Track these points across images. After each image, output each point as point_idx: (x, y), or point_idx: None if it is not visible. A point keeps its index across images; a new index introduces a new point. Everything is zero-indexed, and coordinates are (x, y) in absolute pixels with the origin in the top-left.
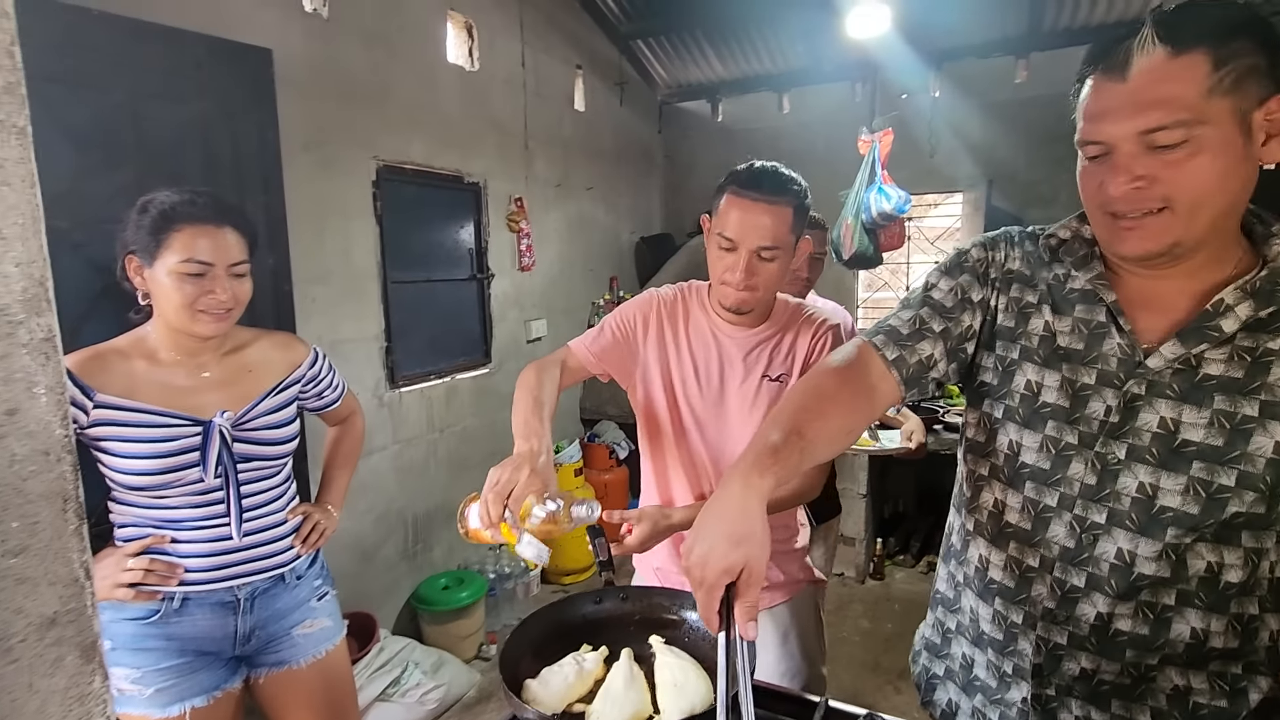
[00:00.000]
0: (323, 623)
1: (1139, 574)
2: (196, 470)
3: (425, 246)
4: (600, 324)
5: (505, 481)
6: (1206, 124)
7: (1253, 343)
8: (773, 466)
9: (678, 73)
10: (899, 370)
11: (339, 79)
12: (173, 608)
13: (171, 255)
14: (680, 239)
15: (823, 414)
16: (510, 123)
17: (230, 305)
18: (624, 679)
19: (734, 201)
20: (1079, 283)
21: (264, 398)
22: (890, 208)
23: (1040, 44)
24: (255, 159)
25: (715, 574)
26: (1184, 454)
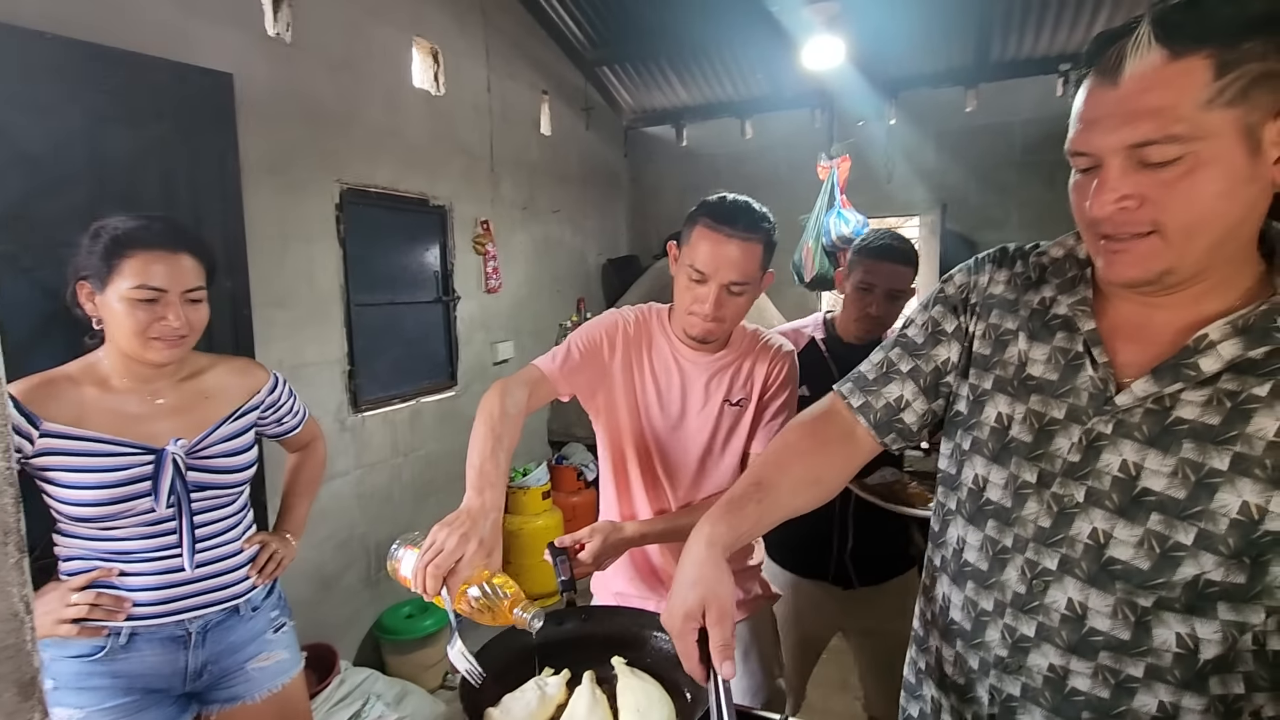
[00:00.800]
0: (279, 655)
1: (1091, 628)
2: (148, 500)
3: (390, 269)
4: (564, 344)
5: (449, 554)
6: (1204, 139)
7: (1238, 386)
8: (726, 516)
9: (643, 98)
10: (865, 416)
11: (303, 103)
12: (119, 644)
13: (123, 281)
14: (646, 261)
15: (781, 465)
16: (476, 146)
17: (184, 332)
18: (586, 704)
19: (706, 234)
20: (1062, 308)
21: (220, 424)
22: (849, 231)
23: (987, 75)
24: (214, 183)
25: (679, 619)
26: (1143, 503)
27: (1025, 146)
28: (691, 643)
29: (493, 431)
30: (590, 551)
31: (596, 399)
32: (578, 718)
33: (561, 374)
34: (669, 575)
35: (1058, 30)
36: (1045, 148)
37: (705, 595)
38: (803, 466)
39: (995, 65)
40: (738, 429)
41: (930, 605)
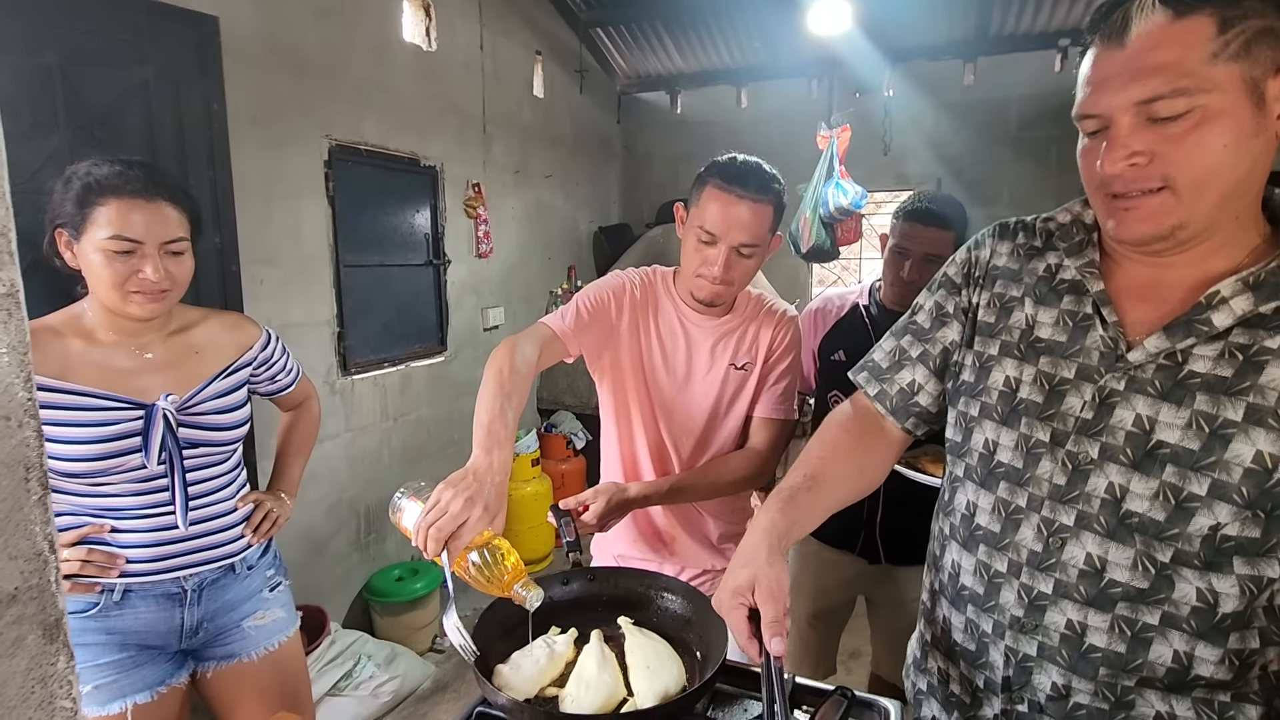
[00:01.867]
0: (275, 614)
1: (1110, 579)
2: (138, 456)
3: (379, 230)
4: (571, 303)
5: (452, 517)
6: (1211, 92)
7: (1249, 340)
8: (782, 507)
9: (637, 63)
10: (882, 404)
11: (289, 52)
12: (113, 600)
13: (98, 230)
14: (638, 229)
15: (826, 459)
16: (468, 106)
17: (165, 286)
18: (596, 661)
19: (716, 195)
20: (1070, 272)
21: (211, 380)
22: (847, 202)
23: (986, 49)
24: (200, 131)
25: (727, 595)
26: (1157, 456)
27: (1021, 122)
28: (741, 618)
29: (502, 389)
30: (594, 513)
31: (603, 359)
32: (587, 675)
33: (571, 332)
34: (671, 537)
35: (1057, 5)
36: (1040, 124)
37: (755, 574)
38: (847, 460)
39: (995, 39)
40: (742, 393)
41: (939, 575)
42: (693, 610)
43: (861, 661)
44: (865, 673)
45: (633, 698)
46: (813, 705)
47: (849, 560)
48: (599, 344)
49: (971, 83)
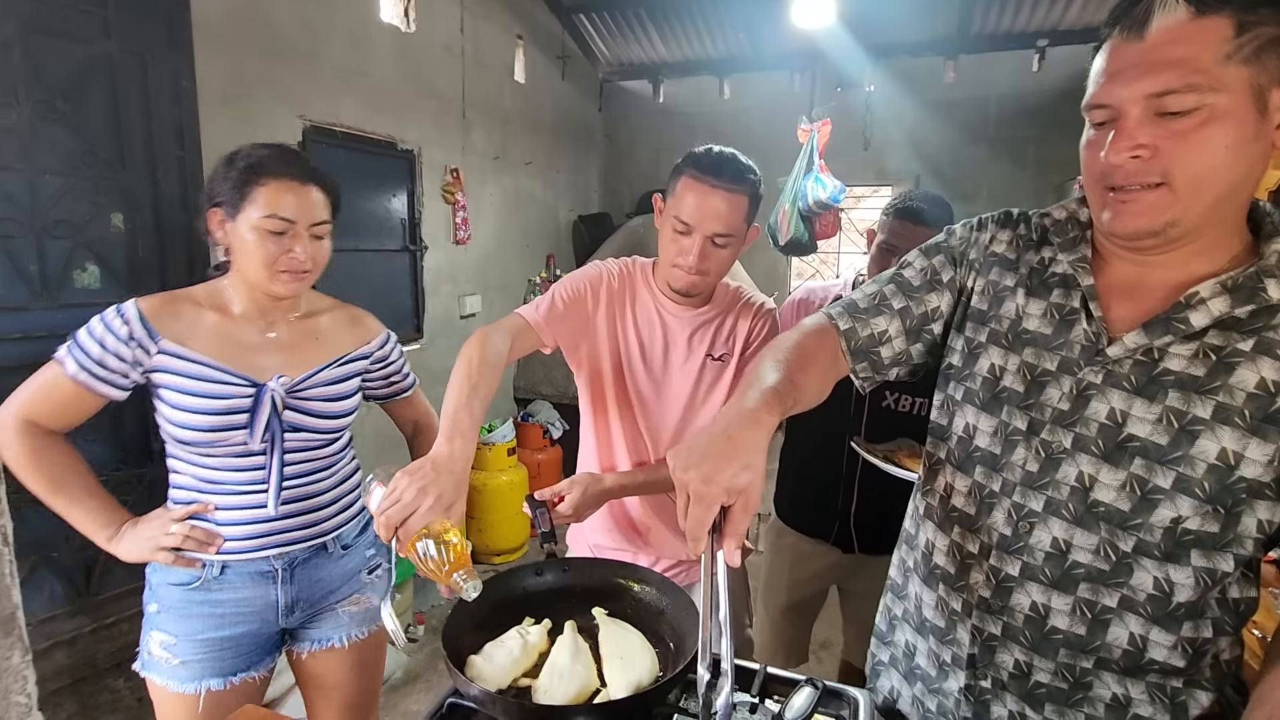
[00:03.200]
0: (370, 600)
1: (1074, 561)
2: (243, 433)
3: (355, 214)
4: (548, 294)
5: (402, 507)
6: (1220, 92)
7: (1223, 341)
8: (777, 406)
9: (620, 51)
10: (847, 340)
11: (263, 29)
12: (213, 574)
13: (255, 210)
14: (618, 219)
15: (806, 369)
16: (448, 90)
17: (308, 266)
18: (569, 652)
19: (691, 185)
20: (1062, 266)
21: (324, 368)
22: (826, 196)
23: (967, 47)
24: (169, 108)
25: (719, 491)
26: (1127, 449)
27: (999, 121)
28: (713, 513)
29: (469, 379)
30: (570, 503)
31: (580, 350)
32: (561, 666)
33: (545, 323)
34: (646, 528)
35: (1037, 6)
36: (1018, 123)
37: (753, 483)
38: (819, 375)
39: (975, 37)
40: (719, 384)
41: (913, 552)
42: (666, 601)
43: (833, 651)
44: (836, 661)
45: (605, 688)
46: (783, 695)
47: (823, 550)
48: (575, 335)
49: (952, 80)
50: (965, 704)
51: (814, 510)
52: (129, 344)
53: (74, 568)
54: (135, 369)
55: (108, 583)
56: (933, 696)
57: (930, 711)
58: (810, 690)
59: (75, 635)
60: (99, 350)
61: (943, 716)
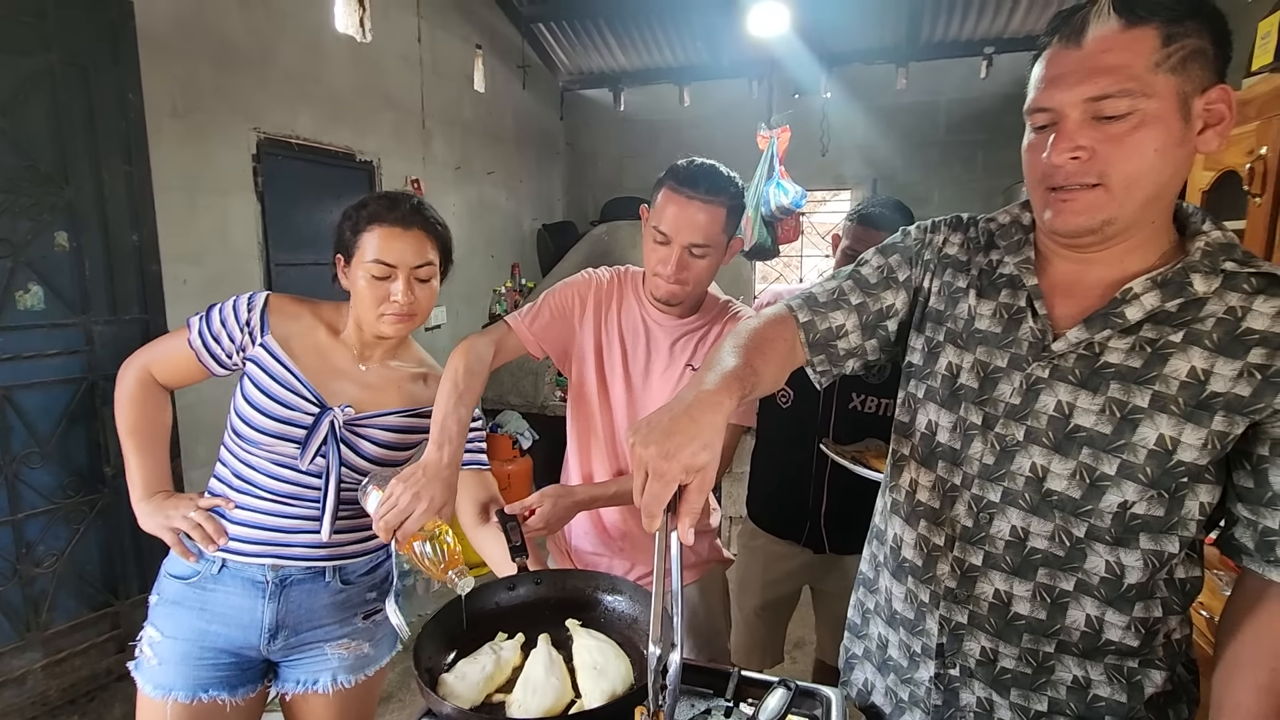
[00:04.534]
0: (361, 647)
1: (1032, 548)
2: (294, 447)
3: (314, 227)
4: (538, 303)
5: (399, 511)
6: (1150, 98)
7: (1156, 334)
8: (737, 390)
9: (580, 59)
10: (806, 332)
11: (212, 41)
12: (211, 571)
13: (364, 255)
14: (583, 227)
15: (764, 355)
16: (406, 100)
17: (412, 310)
18: (543, 665)
19: (670, 197)
20: (1008, 268)
21: (390, 413)
22: (788, 201)
23: (917, 54)
24: (114, 122)
25: (678, 468)
26: (1075, 439)
27: (949, 126)
28: (671, 490)
29: (455, 387)
30: (541, 516)
31: (569, 357)
32: (535, 680)
33: (530, 331)
34: (622, 533)
35: (983, 14)
36: (967, 128)
37: (711, 462)
38: (777, 363)
39: (925, 45)
40: None
41: (882, 547)
42: (639, 609)
43: (806, 650)
44: (810, 660)
45: (580, 699)
46: (757, 698)
47: (795, 551)
48: (563, 343)
49: (903, 87)
50: (935, 692)
51: (785, 512)
52: (243, 330)
53: (22, 601)
54: (239, 353)
55: (59, 615)
56: (905, 687)
57: (903, 701)
58: (783, 692)
59: (25, 672)
60: (218, 326)
61: (915, 706)
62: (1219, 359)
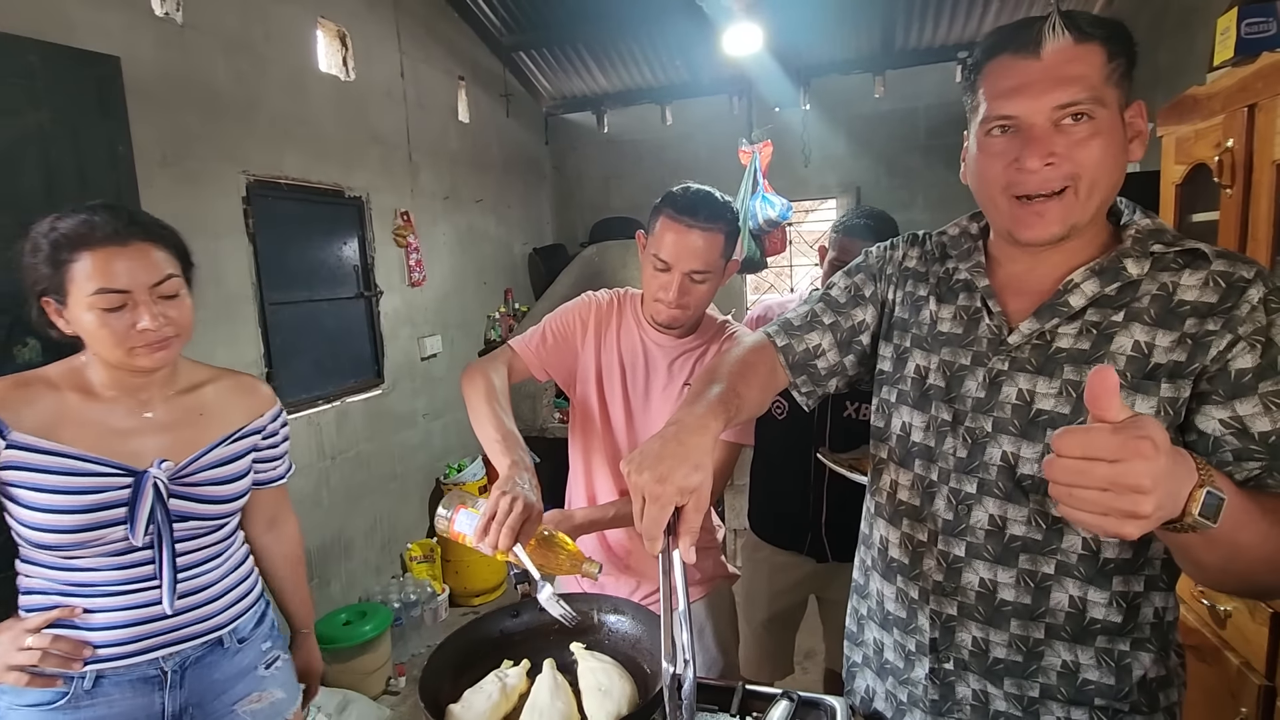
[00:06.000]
0: (273, 695)
1: (1011, 535)
2: (121, 529)
3: (306, 265)
4: (539, 327)
5: (517, 515)
6: (1105, 107)
7: (1100, 317)
8: (722, 414)
9: (562, 84)
10: (785, 356)
11: (199, 89)
12: (83, 688)
13: (80, 289)
14: (573, 249)
15: (746, 381)
16: (392, 135)
17: (169, 333)
18: (549, 690)
19: (669, 225)
20: (962, 274)
21: (213, 447)
22: (775, 214)
23: (892, 62)
24: (105, 175)
25: (673, 491)
26: (1039, 423)
27: (929, 130)
28: (669, 513)
29: (494, 406)
30: None
31: (573, 379)
32: (541, 705)
33: (534, 355)
34: (627, 551)
35: (954, 21)
36: (946, 131)
37: (703, 482)
38: (759, 387)
39: (900, 53)
40: None
41: (870, 550)
42: (643, 629)
43: (816, 660)
44: (820, 670)
45: None
46: (762, 711)
47: (798, 561)
48: (566, 365)
49: (882, 95)
50: (931, 688)
51: (786, 522)
52: None
53: None
54: None
55: None
56: (903, 688)
57: (903, 703)
58: (786, 703)
59: None
60: None
61: (914, 706)
62: (1159, 331)
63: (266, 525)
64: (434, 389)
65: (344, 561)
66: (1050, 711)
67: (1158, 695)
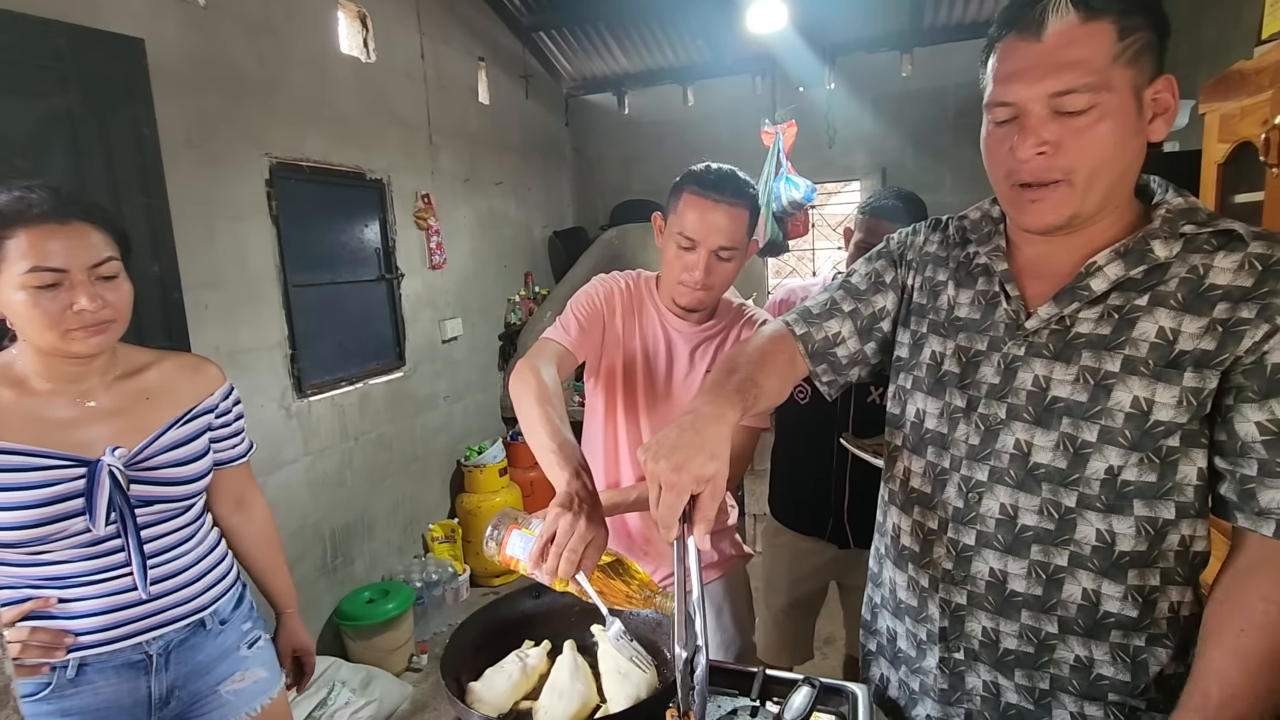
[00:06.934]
0: (256, 674)
1: (1022, 525)
2: (82, 520)
3: (328, 247)
4: (568, 314)
5: (579, 538)
6: (1111, 91)
7: (1123, 301)
8: (739, 403)
9: (582, 65)
10: (804, 345)
11: (222, 71)
12: (66, 677)
13: (13, 267)
14: (593, 232)
15: (764, 370)
16: (413, 117)
17: (107, 316)
18: (569, 671)
19: (694, 202)
20: (981, 258)
21: (166, 430)
22: (800, 196)
23: (921, 40)
24: (132, 157)
25: (689, 479)
26: (1054, 410)
27: (958, 109)
28: (684, 500)
29: (551, 411)
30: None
31: (600, 364)
32: (561, 685)
33: (578, 342)
34: (646, 539)
35: None
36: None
37: (719, 471)
38: (778, 376)
39: (929, 30)
40: None
41: (882, 538)
42: (662, 613)
43: (836, 646)
44: (840, 656)
45: (605, 704)
46: (783, 696)
47: (820, 547)
48: (598, 349)
49: (909, 73)
50: (941, 677)
51: (807, 508)
52: None
53: None
54: None
55: None
56: (915, 677)
57: (915, 692)
58: (808, 689)
59: None
60: None
61: (925, 695)
62: (1185, 317)
63: (234, 506)
64: (455, 371)
65: (367, 541)
66: (1062, 705)
67: (1177, 693)
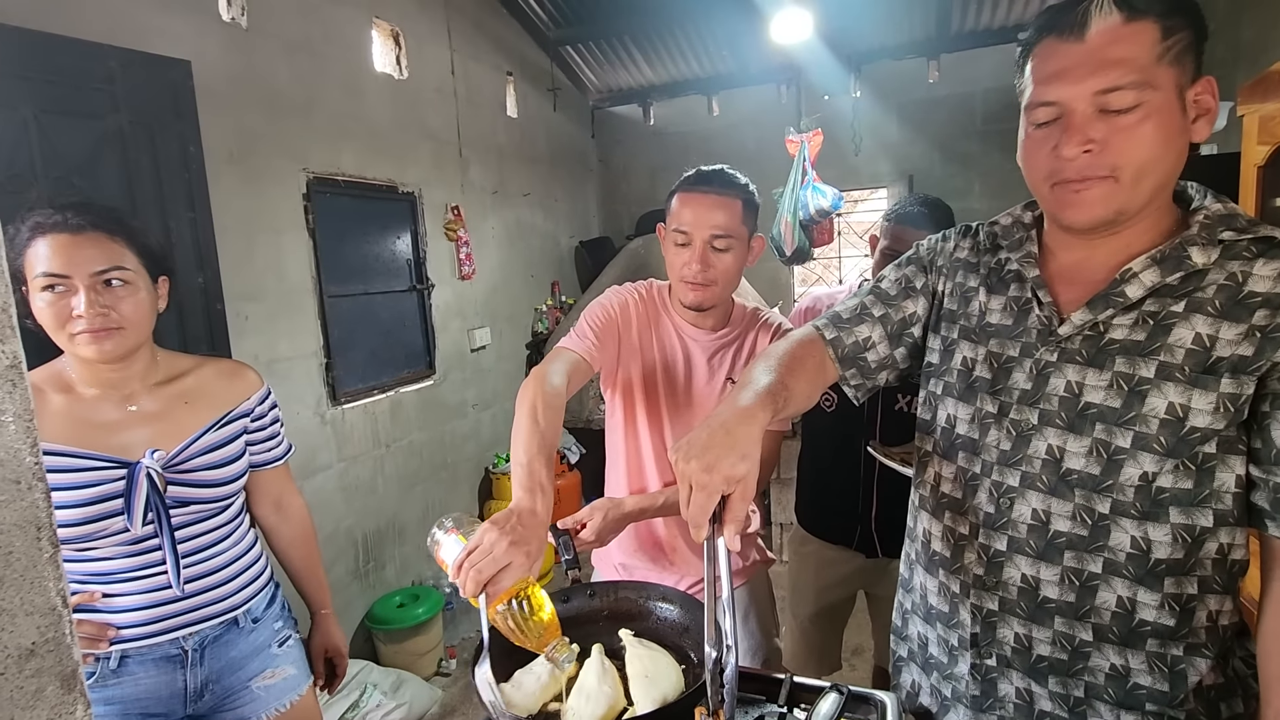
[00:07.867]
0: (286, 671)
1: (1055, 531)
2: (122, 519)
3: (362, 259)
4: (583, 324)
5: (494, 560)
6: (1156, 90)
7: (1158, 307)
8: (770, 405)
9: (608, 77)
10: (834, 349)
11: (262, 89)
12: (109, 668)
13: (30, 273)
14: (619, 242)
15: (795, 374)
16: (443, 131)
17: (111, 323)
18: (596, 674)
19: (685, 199)
20: (1013, 264)
21: (203, 433)
22: (827, 204)
23: (948, 46)
24: (178, 174)
25: (720, 480)
26: (1087, 416)
27: (986, 116)
28: (715, 501)
29: (536, 426)
30: (592, 529)
31: (617, 374)
32: (588, 688)
33: (596, 351)
34: (671, 548)
35: (1014, 0)
36: (1005, 116)
37: (750, 472)
38: (807, 380)
39: (955, 36)
40: None
41: (913, 544)
42: (689, 618)
43: (865, 657)
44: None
45: (632, 707)
46: (810, 704)
47: (847, 556)
48: (614, 359)
49: (936, 80)
50: (973, 684)
51: (835, 516)
52: None
53: None
54: None
55: None
56: (947, 683)
57: (947, 699)
58: (835, 696)
59: None
60: None
61: (958, 701)
62: (1223, 323)
63: (273, 507)
64: (483, 380)
65: (398, 546)
66: (1098, 714)
67: (1218, 705)
